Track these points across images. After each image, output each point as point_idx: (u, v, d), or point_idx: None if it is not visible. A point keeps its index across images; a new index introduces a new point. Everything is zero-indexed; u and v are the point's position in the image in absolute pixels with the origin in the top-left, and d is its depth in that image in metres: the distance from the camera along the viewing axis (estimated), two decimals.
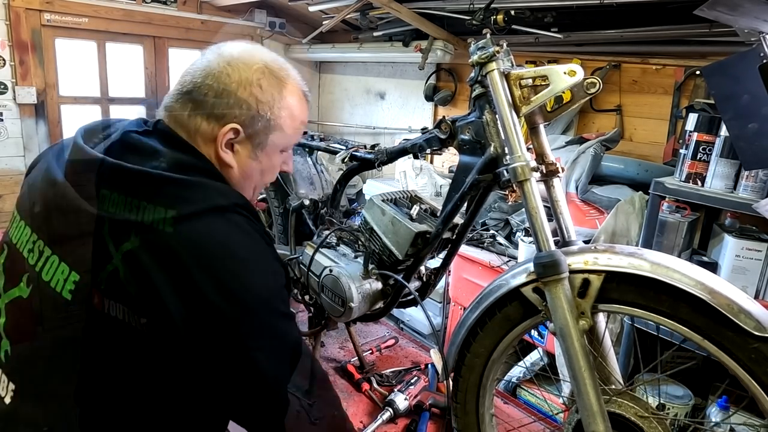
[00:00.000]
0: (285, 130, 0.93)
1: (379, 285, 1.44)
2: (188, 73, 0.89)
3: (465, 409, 1.25)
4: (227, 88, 0.86)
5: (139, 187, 0.79)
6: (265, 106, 0.89)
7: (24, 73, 3.29)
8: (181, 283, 0.75)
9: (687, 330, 0.90)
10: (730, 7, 1.47)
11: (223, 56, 0.89)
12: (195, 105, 0.87)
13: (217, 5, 3.95)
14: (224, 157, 0.89)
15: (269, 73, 0.90)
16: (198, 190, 0.81)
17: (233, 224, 0.82)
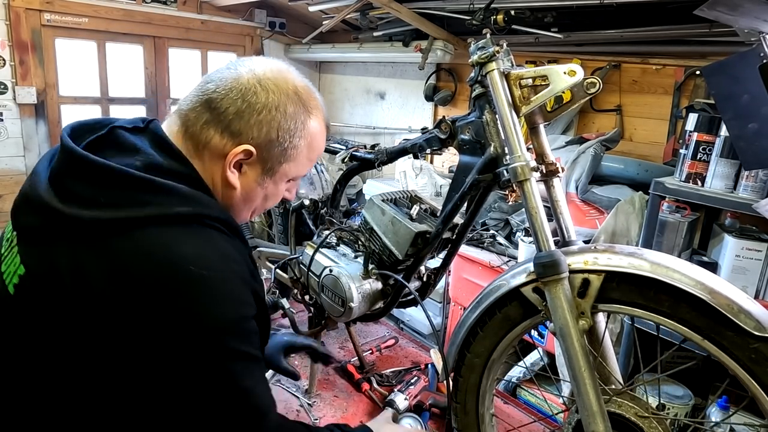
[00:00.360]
0: (299, 161, 0.89)
1: (379, 285, 1.44)
2: (212, 81, 0.83)
3: (465, 409, 1.25)
4: (251, 107, 0.81)
5: (98, 182, 0.73)
6: (285, 134, 0.84)
7: (24, 73, 3.29)
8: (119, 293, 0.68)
9: (687, 330, 0.90)
10: (730, 7, 1.47)
11: (255, 73, 0.83)
12: (212, 116, 0.81)
13: (217, 5, 3.95)
14: (230, 177, 0.83)
15: (298, 100, 0.85)
16: (163, 194, 0.74)
17: (197, 237, 0.74)
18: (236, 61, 0.87)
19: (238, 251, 0.79)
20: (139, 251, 0.70)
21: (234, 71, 0.83)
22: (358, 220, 1.58)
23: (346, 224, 1.65)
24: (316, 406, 1.55)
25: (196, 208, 0.76)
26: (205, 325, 0.71)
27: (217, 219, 0.78)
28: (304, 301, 1.66)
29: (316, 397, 1.59)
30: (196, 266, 0.71)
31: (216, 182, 0.85)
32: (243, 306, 0.76)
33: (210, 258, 0.73)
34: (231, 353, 0.74)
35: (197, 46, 4.02)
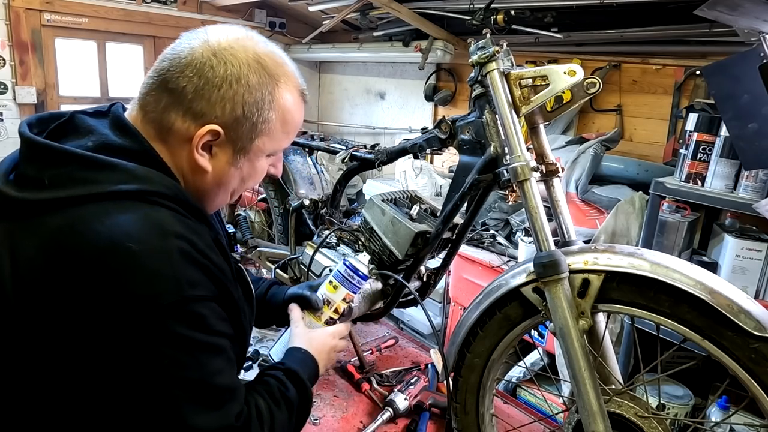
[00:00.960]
0: (274, 135, 0.82)
1: (379, 285, 1.44)
2: (166, 58, 0.76)
3: (465, 409, 1.25)
4: (209, 83, 0.74)
5: (44, 163, 0.70)
6: (252, 108, 0.77)
7: (24, 73, 3.29)
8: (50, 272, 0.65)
9: (687, 330, 0.90)
10: (730, 7, 1.47)
11: (210, 44, 0.76)
12: (171, 98, 0.75)
13: (217, 5, 3.95)
14: (199, 161, 0.77)
15: (261, 68, 0.77)
16: (107, 171, 0.69)
17: (133, 213, 0.68)
18: (190, 33, 0.79)
19: (188, 228, 0.72)
20: (70, 228, 0.66)
21: (187, 45, 0.76)
22: (358, 220, 1.58)
23: (346, 224, 1.65)
24: (316, 406, 1.55)
25: (142, 185, 0.70)
26: (138, 305, 0.64)
27: (165, 196, 0.72)
28: None
29: (316, 397, 1.58)
30: (128, 241, 0.65)
31: (185, 168, 0.79)
32: (186, 285, 0.68)
33: (144, 232, 0.67)
34: (170, 339, 0.67)
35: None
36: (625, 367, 1.93)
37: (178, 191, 0.75)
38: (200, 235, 0.73)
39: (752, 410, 1.25)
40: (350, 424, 1.47)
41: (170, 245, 0.68)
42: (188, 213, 0.75)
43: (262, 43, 0.80)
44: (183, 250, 0.69)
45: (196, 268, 0.70)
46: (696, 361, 1.14)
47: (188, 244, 0.70)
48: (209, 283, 0.72)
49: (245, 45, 0.78)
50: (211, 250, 0.75)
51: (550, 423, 1.54)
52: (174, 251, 0.68)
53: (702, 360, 1.04)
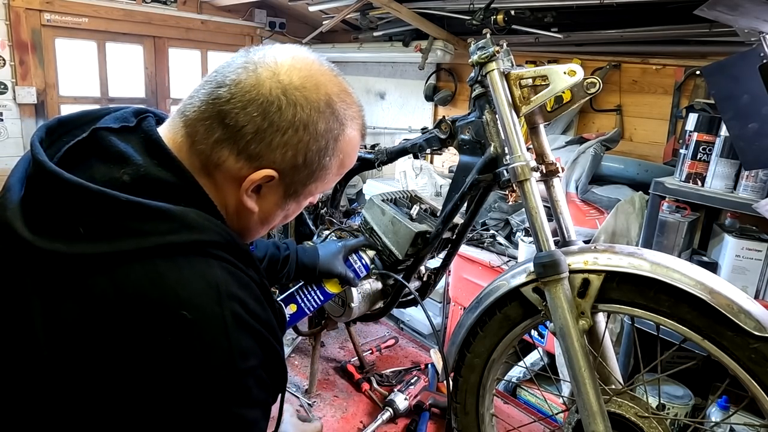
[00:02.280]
0: (327, 180, 0.75)
1: (379, 285, 1.44)
2: (224, 85, 0.66)
3: (465, 409, 1.25)
4: (274, 126, 0.65)
5: (75, 207, 0.58)
6: (314, 156, 0.69)
7: (24, 73, 3.30)
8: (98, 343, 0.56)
9: (687, 330, 0.90)
10: (730, 7, 1.47)
11: (280, 79, 0.66)
12: (225, 133, 0.65)
13: (217, 5, 3.95)
14: (247, 203, 0.70)
15: (331, 113, 0.69)
16: (154, 220, 0.60)
17: (195, 275, 0.60)
18: (253, 55, 0.69)
19: (241, 284, 0.65)
20: (118, 293, 0.57)
21: (253, 74, 0.66)
22: (358, 220, 1.58)
23: (346, 224, 1.65)
24: (316, 406, 1.55)
25: (195, 235, 0.62)
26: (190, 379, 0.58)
27: (219, 245, 0.64)
28: None
29: (316, 397, 1.59)
30: (182, 308, 0.58)
31: (229, 205, 0.71)
32: (238, 357, 0.61)
33: (198, 296, 0.59)
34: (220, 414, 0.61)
35: (197, 46, 4.02)
36: (625, 367, 1.93)
37: (230, 237, 0.66)
38: (251, 290, 0.66)
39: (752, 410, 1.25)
40: (350, 424, 1.47)
41: (225, 311, 0.61)
42: (239, 260, 0.67)
43: (333, 77, 0.72)
44: (236, 315, 0.62)
45: (248, 335, 0.63)
46: (696, 361, 1.14)
47: (241, 307, 0.63)
48: (259, 350, 0.65)
49: (318, 83, 0.69)
50: (261, 306, 0.67)
51: (550, 423, 1.54)
52: (228, 317, 0.61)
53: (702, 360, 1.04)
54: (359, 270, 1.30)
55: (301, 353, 1.84)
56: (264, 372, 0.67)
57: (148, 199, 0.60)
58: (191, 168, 0.67)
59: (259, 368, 0.66)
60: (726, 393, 1.64)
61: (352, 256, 1.31)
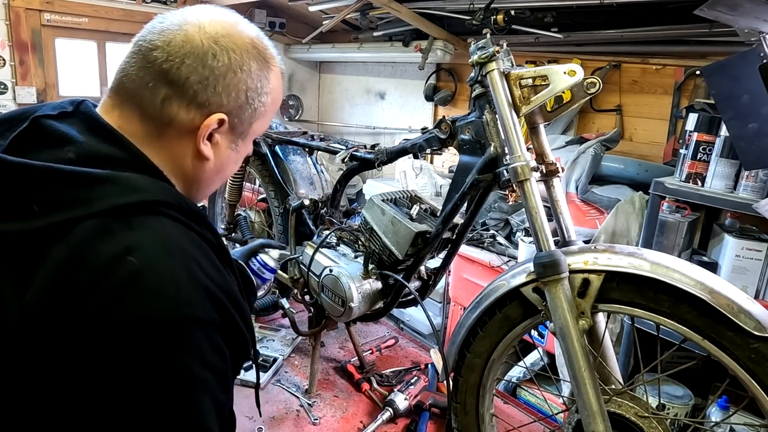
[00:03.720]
0: (267, 116, 0.83)
1: (379, 285, 1.44)
2: (156, 46, 0.70)
3: (465, 409, 1.25)
4: (215, 72, 0.71)
5: (26, 187, 0.61)
6: (254, 93, 0.77)
7: (24, 73, 3.29)
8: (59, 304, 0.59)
9: (687, 330, 0.90)
10: (730, 7, 1.47)
11: (207, 32, 0.72)
12: (172, 89, 0.70)
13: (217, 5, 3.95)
14: (204, 151, 0.75)
15: (257, 53, 0.76)
16: (103, 185, 0.63)
17: (140, 228, 0.63)
18: (172, 17, 0.74)
19: (194, 243, 0.68)
20: (75, 254, 0.60)
21: (180, 32, 0.71)
22: (358, 220, 1.58)
23: (346, 224, 1.65)
24: (316, 406, 1.55)
25: (143, 196, 0.65)
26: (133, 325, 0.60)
27: (168, 205, 0.67)
28: (304, 301, 1.66)
29: (316, 397, 1.58)
30: (130, 255, 0.61)
31: (185, 162, 0.76)
32: (189, 307, 0.63)
33: (148, 248, 0.62)
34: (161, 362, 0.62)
35: None
36: (625, 367, 1.93)
37: (179, 198, 0.71)
38: (204, 250, 0.70)
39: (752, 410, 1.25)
40: (350, 424, 1.47)
41: (175, 263, 0.64)
42: (191, 220, 0.71)
43: (248, 25, 0.79)
44: (188, 268, 0.64)
45: (199, 290, 0.65)
46: (696, 361, 1.14)
47: (194, 263, 0.66)
48: (212, 310, 0.67)
49: (239, 30, 0.76)
50: (216, 267, 0.70)
51: (550, 423, 1.54)
52: (178, 268, 0.64)
53: (702, 360, 1.04)
54: (258, 270, 1.22)
55: (301, 353, 1.84)
56: (220, 337, 0.68)
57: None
58: (144, 136, 0.72)
59: (212, 329, 0.66)
60: (726, 393, 1.64)
61: (253, 259, 1.23)
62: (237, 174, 2.01)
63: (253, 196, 2.35)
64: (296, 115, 4.54)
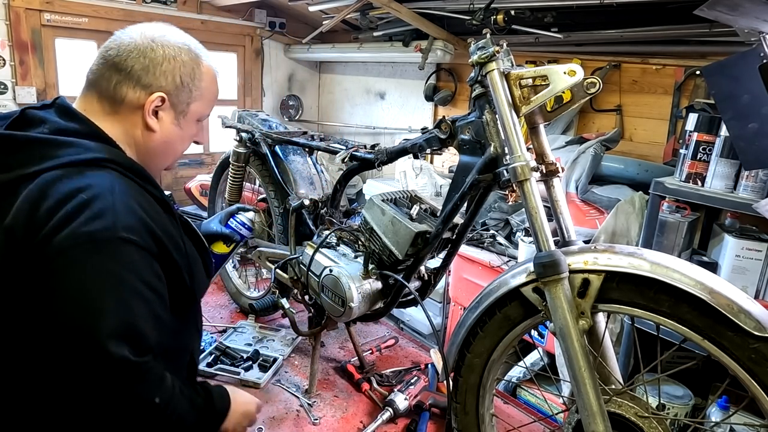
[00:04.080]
0: (203, 100, 1.05)
1: (379, 285, 1.44)
2: (111, 48, 0.96)
3: (465, 409, 1.25)
4: (153, 61, 0.96)
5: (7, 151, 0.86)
6: (187, 78, 1.00)
7: (24, 73, 3.29)
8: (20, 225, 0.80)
9: (687, 330, 0.90)
10: (730, 7, 1.47)
11: (146, 34, 0.98)
12: (122, 76, 0.95)
13: (217, 5, 3.95)
14: (150, 123, 0.97)
15: (188, 49, 1.01)
16: (64, 147, 0.87)
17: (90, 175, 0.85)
18: (124, 30, 1.00)
19: (136, 190, 0.89)
20: (38, 189, 0.82)
21: (128, 37, 0.97)
22: (358, 220, 1.58)
23: (346, 224, 1.65)
24: (316, 406, 1.55)
25: (95, 154, 0.88)
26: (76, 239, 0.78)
27: (115, 162, 0.90)
28: (304, 301, 1.66)
29: (316, 397, 1.59)
30: (81, 192, 0.82)
31: (137, 133, 0.98)
32: (122, 228, 0.81)
33: (95, 187, 0.83)
34: (90, 264, 0.79)
35: None
36: (625, 367, 1.93)
37: (124, 158, 0.93)
38: (145, 198, 0.90)
39: (752, 410, 1.25)
40: (350, 424, 1.47)
41: (117, 199, 0.84)
42: (135, 175, 0.92)
43: (182, 33, 1.04)
44: (127, 205, 0.85)
45: (137, 221, 0.84)
46: (696, 361, 1.14)
47: (134, 201, 0.86)
48: (149, 238, 0.85)
49: (173, 33, 1.01)
50: (156, 212, 0.91)
51: (550, 423, 1.54)
52: (119, 203, 0.84)
53: (702, 360, 1.04)
54: (236, 228, 1.46)
55: (301, 353, 1.84)
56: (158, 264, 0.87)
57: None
58: (102, 113, 0.96)
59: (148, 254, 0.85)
60: (726, 393, 1.64)
61: (231, 219, 1.48)
62: (237, 174, 2.01)
63: (253, 196, 2.35)
64: (296, 115, 4.54)
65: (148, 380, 0.85)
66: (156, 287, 0.86)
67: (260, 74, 4.39)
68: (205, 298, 2.24)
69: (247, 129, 1.91)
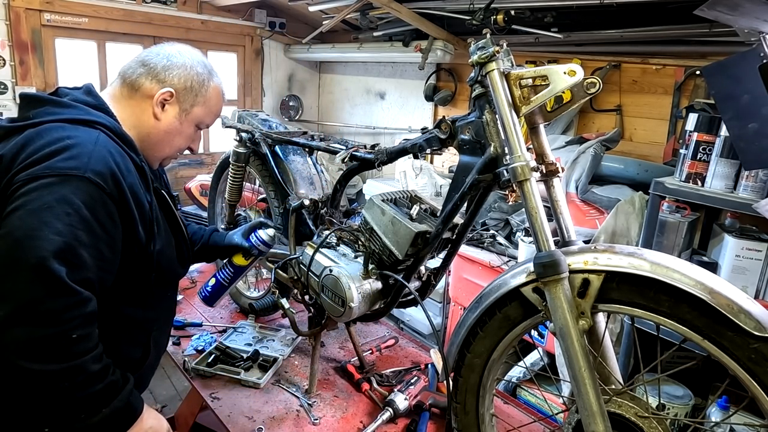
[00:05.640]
0: (205, 108, 1.23)
1: (379, 285, 1.44)
2: (146, 50, 1.21)
3: (465, 409, 1.25)
4: (173, 63, 1.17)
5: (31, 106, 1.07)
6: (196, 84, 1.19)
7: (24, 73, 3.30)
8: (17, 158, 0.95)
9: (687, 330, 0.90)
10: (730, 7, 1.47)
11: (176, 47, 1.21)
12: (145, 69, 1.16)
13: (217, 5, 3.95)
14: (156, 111, 1.16)
15: (203, 65, 1.23)
16: (70, 109, 1.06)
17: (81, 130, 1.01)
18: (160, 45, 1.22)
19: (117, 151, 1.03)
20: (36, 132, 0.99)
21: (161, 46, 1.21)
22: (358, 220, 1.57)
23: (346, 224, 1.65)
24: (316, 406, 1.55)
25: (90, 116, 1.06)
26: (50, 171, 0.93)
27: (105, 126, 1.06)
28: (304, 301, 1.66)
29: (316, 397, 1.59)
30: (67, 139, 0.98)
31: (143, 118, 1.16)
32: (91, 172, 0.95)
33: (81, 137, 0.99)
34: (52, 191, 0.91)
35: (197, 46, 3.94)
36: (625, 367, 1.93)
37: (116, 126, 1.09)
38: (123, 158, 1.04)
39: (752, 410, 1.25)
40: (350, 424, 1.47)
41: (96, 150, 0.99)
42: (122, 142, 1.07)
43: (202, 55, 1.26)
44: (104, 157, 0.99)
45: (108, 170, 0.98)
46: (696, 361, 1.13)
47: (111, 157, 1.00)
48: (113, 187, 0.98)
49: (194, 52, 1.24)
50: (128, 170, 1.04)
51: (550, 423, 1.54)
52: (96, 153, 0.98)
53: (702, 360, 1.04)
54: (256, 243, 1.56)
55: (301, 353, 1.84)
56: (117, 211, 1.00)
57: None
58: (120, 96, 1.17)
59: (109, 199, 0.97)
60: (726, 393, 1.64)
61: (252, 234, 1.58)
62: (237, 174, 2.01)
63: (253, 196, 2.35)
64: (296, 115, 4.54)
65: (75, 311, 0.90)
66: (108, 228, 0.98)
67: (260, 74, 4.39)
68: None
69: (247, 129, 1.91)
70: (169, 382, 3.07)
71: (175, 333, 1.90)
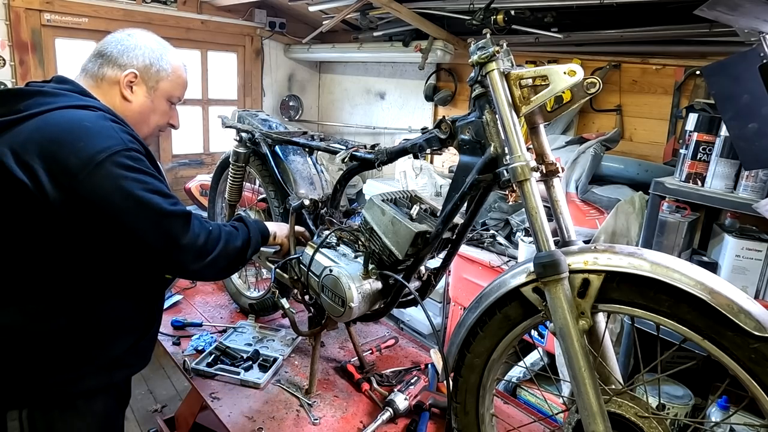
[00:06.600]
0: (171, 82, 1.30)
1: (379, 285, 1.44)
2: (99, 44, 1.27)
3: (465, 409, 1.25)
4: (128, 47, 1.24)
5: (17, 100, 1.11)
6: (155, 60, 1.26)
7: (24, 73, 3.29)
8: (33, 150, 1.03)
9: (687, 330, 0.90)
10: (730, 7, 1.47)
11: (125, 32, 1.29)
12: (103, 59, 1.24)
13: (217, 5, 3.95)
14: (125, 94, 1.23)
15: (156, 41, 1.30)
16: (60, 97, 1.13)
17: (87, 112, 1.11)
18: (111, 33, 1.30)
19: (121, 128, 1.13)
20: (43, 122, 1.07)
21: (111, 36, 1.28)
22: (358, 220, 1.58)
23: (346, 224, 1.65)
24: (316, 406, 1.55)
25: (84, 102, 1.14)
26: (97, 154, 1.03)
27: (99, 109, 1.14)
28: (304, 301, 1.66)
29: (316, 397, 1.59)
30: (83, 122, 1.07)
31: (115, 102, 1.23)
32: (128, 141, 1.09)
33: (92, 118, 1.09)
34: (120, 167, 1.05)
35: (197, 46, 4.01)
36: (625, 367, 1.94)
37: (107, 108, 1.18)
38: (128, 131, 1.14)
39: (752, 410, 1.25)
40: (350, 424, 1.47)
41: (112, 125, 1.11)
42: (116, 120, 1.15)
43: (152, 33, 1.32)
44: (122, 128, 1.13)
45: (132, 138, 1.12)
46: (696, 361, 1.14)
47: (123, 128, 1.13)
48: (141, 149, 1.13)
49: (144, 31, 1.31)
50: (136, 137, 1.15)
51: (550, 423, 1.54)
52: (115, 127, 1.11)
53: (702, 360, 1.04)
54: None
55: (301, 353, 1.84)
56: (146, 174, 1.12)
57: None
58: (90, 87, 1.23)
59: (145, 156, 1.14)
60: (726, 393, 1.64)
61: None
62: (237, 174, 2.01)
63: (253, 196, 2.35)
64: (296, 115, 4.54)
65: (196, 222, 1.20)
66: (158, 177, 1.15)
67: (260, 74, 4.39)
68: (205, 298, 2.24)
69: (247, 129, 1.91)
70: (169, 382, 3.07)
71: (175, 333, 1.90)
